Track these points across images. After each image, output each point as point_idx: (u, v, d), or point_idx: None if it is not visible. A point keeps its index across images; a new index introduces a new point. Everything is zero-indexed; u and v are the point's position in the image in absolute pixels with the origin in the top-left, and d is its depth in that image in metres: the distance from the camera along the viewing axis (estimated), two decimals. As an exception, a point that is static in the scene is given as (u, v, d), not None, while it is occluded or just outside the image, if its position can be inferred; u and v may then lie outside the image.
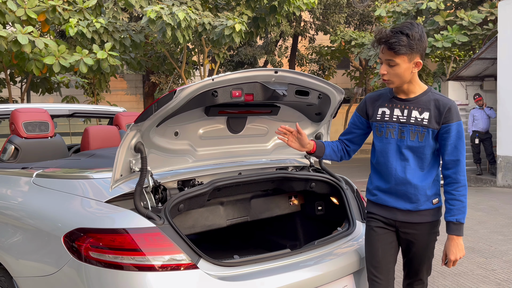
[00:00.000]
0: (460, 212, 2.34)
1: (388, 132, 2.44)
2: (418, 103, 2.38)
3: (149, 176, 2.37)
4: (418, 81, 2.39)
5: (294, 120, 3.04)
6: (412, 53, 2.26)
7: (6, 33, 7.19)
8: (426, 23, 12.24)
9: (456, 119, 2.33)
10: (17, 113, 3.50)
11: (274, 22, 9.61)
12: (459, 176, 2.35)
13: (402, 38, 2.23)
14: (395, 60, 2.27)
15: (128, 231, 2.12)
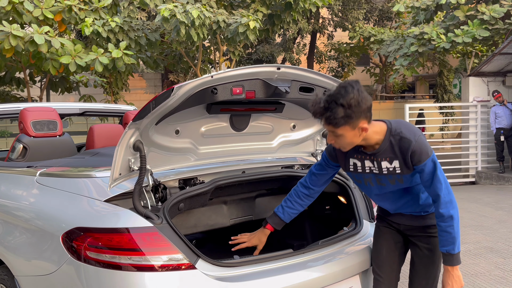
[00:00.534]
0: (449, 243, 2.28)
1: (367, 182, 2.43)
2: (384, 153, 2.29)
3: (149, 175, 2.34)
4: (373, 131, 2.24)
5: (299, 118, 2.98)
6: (353, 121, 2.12)
7: (23, 33, 7.28)
8: (446, 18, 12.01)
9: (424, 158, 2.22)
10: (26, 112, 3.52)
11: (290, 19, 9.53)
12: (440, 210, 2.27)
13: (337, 111, 2.08)
14: (337, 131, 2.17)
15: (125, 231, 2.10)
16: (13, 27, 7.27)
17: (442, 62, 17.78)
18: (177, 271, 2.08)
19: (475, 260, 4.99)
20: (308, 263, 2.44)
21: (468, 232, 6.13)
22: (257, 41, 20.94)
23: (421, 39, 11.34)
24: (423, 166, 2.22)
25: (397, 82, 22.78)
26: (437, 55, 15.57)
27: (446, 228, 2.27)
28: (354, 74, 23.03)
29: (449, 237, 2.27)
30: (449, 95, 18.47)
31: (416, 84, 26.31)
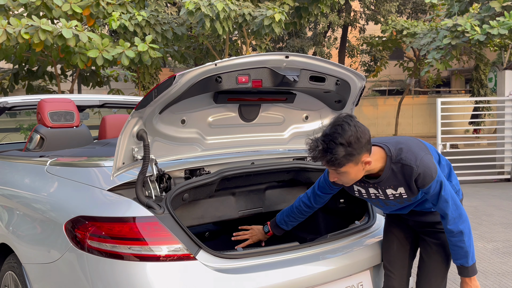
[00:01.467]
0: (461, 257, 2.28)
1: (375, 204, 2.45)
2: (387, 181, 2.25)
3: (153, 165, 2.32)
4: (376, 162, 2.20)
5: (312, 108, 2.91)
6: (355, 157, 2.08)
7: (51, 28, 7.41)
8: (481, 9, 11.62)
9: (428, 181, 2.17)
10: (43, 103, 3.56)
11: (318, 12, 9.39)
12: (448, 227, 2.26)
13: (338, 151, 2.04)
14: (341, 170, 2.13)
15: (126, 220, 2.08)
16: (42, 22, 7.41)
17: (478, 56, 17.27)
18: (176, 262, 2.05)
19: (503, 259, 4.80)
20: (314, 256, 2.37)
21: (497, 230, 5.91)
22: (287, 35, 20.84)
23: (455, 31, 11.00)
24: (428, 189, 2.20)
25: (431, 77, 22.27)
26: (473, 48, 15.10)
27: (456, 243, 2.27)
28: (387, 68, 22.63)
29: (461, 251, 2.27)
30: (485, 89, 17.92)
31: (451, 79, 25.67)
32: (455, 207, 2.23)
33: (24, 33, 7.31)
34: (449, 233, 2.26)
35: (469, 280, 2.30)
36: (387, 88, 27.50)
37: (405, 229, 2.52)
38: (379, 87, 27.74)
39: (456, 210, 2.24)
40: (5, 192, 2.85)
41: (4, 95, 11.47)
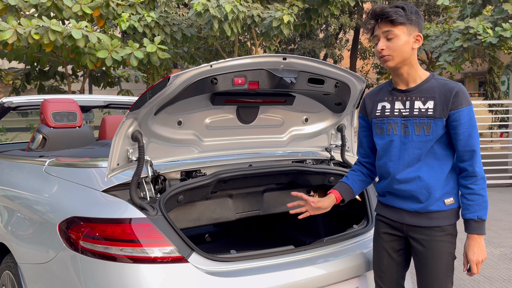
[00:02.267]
0: (482, 208, 2.09)
1: (390, 128, 2.22)
2: (420, 92, 2.15)
3: (148, 166, 2.31)
4: (418, 65, 2.18)
5: (312, 111, 2.88)
6: (411, 25, 2.10)
7: (61, 28, 7.46)
8: (494, 12, 11.48)
9: (466, 104, 2.08)
10: (46, 103, 3.58)
11: (328, 14, 9.36)
12: (476, 168, 2.10)
13: (398, 10, 2.09)
14: (394, 31, 2.09)
15: (119, 222, 2.08)
16: (52, 22, 7.47)
17: (492, 59, 17.06)
18: (168, 264, 2.05)
19: (510, 264, 4.72)
20: (309, 260, 2.35)
21: (505, 235, 5.83)
22: (298, 37, 20.80)
23: (467, 33, 10.88)
24: (461, 112, 2.07)
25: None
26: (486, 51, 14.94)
27: (478, 191, 2.10)
28: (399, 71, 22.46)
29: (482, 201, 2.09)
30: (499, 92, 17.71)
31: (464, 82, 25.39)
32: (479, 148, 2.10)
33: (34, 33, 7.37)
34: (473, 178, 2.10)
35: (479, 239, 2.10)
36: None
37: (397, 241, 2.29)
38: (391, 89, 27.53)
39: (480, 158, 2.11)
40: (5, 192, 2.86)
41: (16, 95, 11.59)
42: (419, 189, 2.15)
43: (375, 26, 2.15)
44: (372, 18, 2.15)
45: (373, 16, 2.14)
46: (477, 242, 2.11)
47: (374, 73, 23.44)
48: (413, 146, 2.16)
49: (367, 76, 24.50)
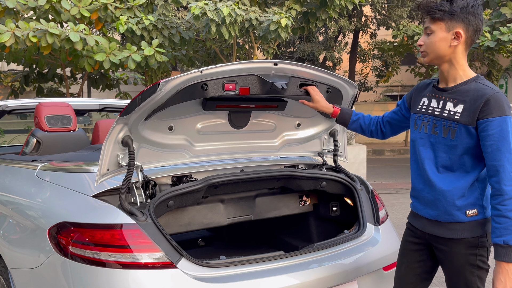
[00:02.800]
0: (509, 232, 1.87)
1: (422, 126, 2.14)
2: (455, 93, 2.03)
3: (139, 171, 2.32)
4: (464, 65, 2.03)
5: (304, 116, 2.89)
6: (452, 20, 1.97)
7: (59, 31, 7.48)
8: (492, 15, 11.50)
9: (498, 114, 1.90)
10: (41, 107, 3.59)
11: (326, 17, 9.37)
12: (503, 187, 1.89)
13: (443, 3, 1.99)
14: (431, 27, 2.01)
15: (110, 227, 2.08)
16: (50, 25, 7.49)
17: (491, 62, 17.07)
18: (157, 270, 2.05)
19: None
20: (300, 266, 2.35)
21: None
22: (298, 39, 20.82)
23: (465, 37, 10.89)
24: (490, 123, 1.91)
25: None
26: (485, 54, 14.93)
27: (506, 213, 1.87)
28: (399, 74, 22.49)
29: (509, 224, 1.87)
30: (498, 96, 17.70)
31: (464, 85, 25.39)
32: (510, 171, 1.88)
33: (32, 36, 7.39)
34: (499, 197, 1.89)
35: (508, 267, 1.87)
36: (398, 93, 27.32)
37: (421, 251, 2.20)
38: (391, 92, 27.58)
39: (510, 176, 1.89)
40: None
41: (15, 97, 11.61)
42: (437, 194, 2.06)
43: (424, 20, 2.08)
44: (418, 10, 2.09)
45: (419, 8, 2.07)
46: (505, 270, 1.88)
47: (374, 75, 23.45)
48: (439, 148, 2.07)
49: (366, 79, 24.52)
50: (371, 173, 12.03)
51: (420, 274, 2.22)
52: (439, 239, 2.09)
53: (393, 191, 9.88)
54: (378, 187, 10.49)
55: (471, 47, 2.06)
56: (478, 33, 2.02)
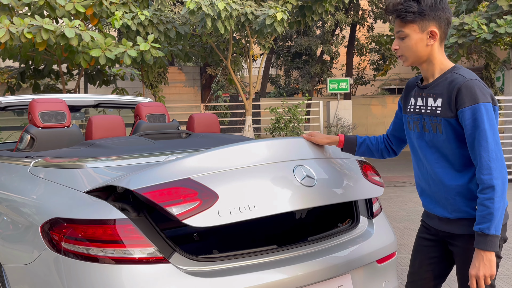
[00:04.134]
0: (485, 220, 1.88)
1: (414, 125, 2.16)
2: (433, 88, 2.04)
3: None
4: (441, 60, 2.03)
5: None
6: (423, 20, 1.96)
7: (54, 27, 7.46)
8: (489, 8, 11.48)
9: (470, 102, 1.90)
10: (34, 103, 3.58)
11: (322, 11, 9.35)
12: (481, 176, 1.90)
13: (411, 4, 1.96)
14: (404, 30, 1.99)
15: (102, 223, 2.08)
16: (45, 21, 7.46)
17: (488, 55, 17.06)
18: (149, 265, 2.05)
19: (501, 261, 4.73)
20: (293, 259, 2.35)
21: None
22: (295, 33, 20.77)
23: (461, 30, 10.89)
24: (464, 112, 1.92)
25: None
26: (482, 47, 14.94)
27: (483, 201, 1.90)
28: (396, 67, 22.48)
29: (486, 213, 1.88)
30: (495, 88, 17.72)
31: (461, 77, 25.40)
32: (494, 155, 1.88)
33: (27, 32, 7.37)
34: (481, 185, 1.91)
35: (484, 254, 1.88)
36: (396, 87, 27.32)
37: (435, 247, 2.21)
38: (389, 85, 27.58)
39: (495, 159, 1.88)
40: None
41: (11, 94, 11.58)
42: (443, 191, 2.07)
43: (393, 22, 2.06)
44: (386, 13, 2.06)
45: (386, 11, 2.05)
46: (480, 257, 1.90)
47: (371, 69, 23.43)
48: (435, 144, 2.07)
49: (364, 73, 24.51)
50: (368, 166, 12.03)
51: (433, 271, 2.23)
52: (452, 235, 2.10)
53: (390, 184, 9.90)
54: (376, 180, 10.50)
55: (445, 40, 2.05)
56: (449, 25, 2.03)
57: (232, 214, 2.09)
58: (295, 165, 2.35)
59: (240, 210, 2.11)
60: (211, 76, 18.77)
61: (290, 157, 2.38)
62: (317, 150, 2.53)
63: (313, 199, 2.33)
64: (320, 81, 23.21)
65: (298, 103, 10.57)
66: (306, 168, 2.37)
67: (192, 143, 3.21)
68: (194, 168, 2.16)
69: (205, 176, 2.14)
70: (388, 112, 21.92)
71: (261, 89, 19.68)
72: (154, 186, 2.05)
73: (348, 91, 11.32)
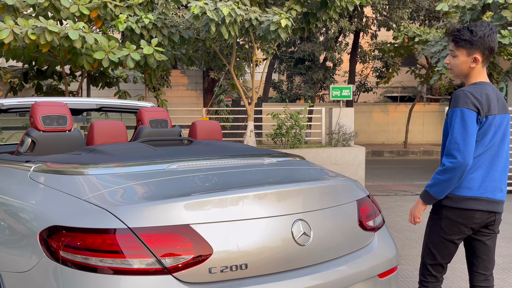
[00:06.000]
0: (430, 184, 2.69)
1: None
2: None
3: None
4: (474, 78, 2.64)
5: None
6: (472, 48, 2.56)
7: (58, 29, 7.44)
8: (493, 18, 11.46)
9: (453, 105, 2.58)
10: (36, 106, 3.55)
11: (326, 18, 9.33)
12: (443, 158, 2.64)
13: (465, 33, 2.56)
14: (455, 52, 2.62)
15: (102, 232, 2.06)
16: (49, 23, 7.45)
17: (491, 65, 17.04)
18: (148, 276, 2.02)
19: (502, 275, 4.70)
20: (293, 273, 2.31)
21: (500, 244, 5.79)
22: (299, 39, 20.78)
23: (465, 39, 10.87)
24: (450, 112, 2.59)
25: (443, 84, 22.04)
26: (485, 57, 14.89)
27: (436, 171, 2.66)
28: (399, 75, 22.47)
29: (433, 181, 2.66)
30: (498, 98, 17.70)
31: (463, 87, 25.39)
32: (455, 145, 2.54)
33: (31, 33, 7.35)
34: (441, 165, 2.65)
35: (418, 200, 2.79)
36: (399, 94, 27.31)
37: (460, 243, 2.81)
38: (391, 93, 27.57)
39: (452, 146, 2.56)
40: None
41: (14, 94, 11.57)
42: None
43: None
44: (446, 35, 2.75)
45: (446, 34, 2.71)
46: (417, 202, 2.81)
47: (374, 76, 23.42)
48: None
49: (366, 80, 24.49)
50: (369, 174, 12.02)
51: None
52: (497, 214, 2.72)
53: (392, 193, 9.86)
54: (376, 188, 10.47)
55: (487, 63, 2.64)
56: (493, 53, 2.60)
57: (223, 273, 2.08)
58: (295, 219, 2.33)
59: (232, 269, 2.10)
60: (214, 80, 18.78)
61: (293, 210, 2.35)
62: (320, 199, 2.51)
63: (305, 259, 2.33)
64: (322, 88, 23.21)
65: (300, 109, 10.54)
66: (304, 224, 2.35)
67: (194, 150, 3.19)
68: (194, 214, 2.12)
69: (203, 226, 2.11)
70: (390, 120, 21.89)
71: (263, 94, 19.68)
72: (151, 229, 2.04)
73: (350, 99, 11.29)
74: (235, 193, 2.26)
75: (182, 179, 2.50)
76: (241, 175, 2.66)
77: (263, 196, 2.31)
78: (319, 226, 2.41)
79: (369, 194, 2.92)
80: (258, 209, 2.26)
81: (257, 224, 2.23)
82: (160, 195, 2.26)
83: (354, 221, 2.63)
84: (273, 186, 2.41)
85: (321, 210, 2.46)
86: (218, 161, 2.84)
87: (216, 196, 2.22)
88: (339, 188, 2.73)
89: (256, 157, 3.06)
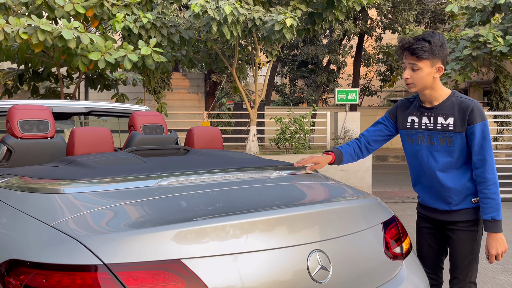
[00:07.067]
0: (494, 210, 2.44)
1: (419, 139, 2.60)
2: (442, 109, 2.51)
3: None
4: (441, 87, 2.50)
5: None
6: (434, 58, 2.42)
7: (50, 28, 7.07)
8: (504, 20, 11.08)
9: (480, 120, 2.44)
10: (14, 110, 3.16)
11: (332, 18, 8.96)
12: (487, 175, 2.44)
13: (424, 44, 2.39)
14: (418, 64, 2.42)
15: (68, 269, 1.65)
16: (42, 22, 7.08)
17: (498, 68, 16.66)
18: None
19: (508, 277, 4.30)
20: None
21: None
22: (302, 42, 20.40)
23: (476, 42, 10.49)
24: (475, 127, 2.43)
25: (448, 88, 21.69)
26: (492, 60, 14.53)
27: (491, 194, 2.43)
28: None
29: (494, 204, 2.43)
30: (505, 102, 17.28)
31: (469, 90, 25.02)
32: (492, 157, 2.43)
33: (22, 33, 6.98)
34: (484, 183, 2.43)
35: (497, 236, 2.47)
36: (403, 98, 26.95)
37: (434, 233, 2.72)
38: (395, 97, 27.21)
39: (492, 161, 2.43)
40: None
41: (8, 97, 11.19)
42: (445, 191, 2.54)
43: (403, 55, 2.45)
44: (401, 49, 2.45)
45: (402, 48, 2.45)
46: (495, 238, 2.48)
47: (378, 80, 23.05)
48: (439, 154, 2.53)
49: (370, 83, 24.11)
50: (374, 179, 11.62)
51: (440, 250, 2.76)
52: (452, 222, 2.60)
53: (399, 200, 9.47)
54: (383, 195, 10.08)
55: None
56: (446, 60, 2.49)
57: None
58: (311, 250, 1.91)
59: None
60: (216, 83, 18.41)
61: (308, 238, 1.93)
62: (340, 224, 2.09)
63: None
64: (326, 91, 22.83)
65: (304, 113, 10.15)
66: (322, 255, 1.93)
67: (190, 162, 2.79)
68: (187, 246, 1.71)
69: (198, 261, 1.70)
70: (394, 124, 21.54)
71: (266, 97, 19.29)
72: (133, 265, 1.62)
73: (356, 102, 10.91)
74: (237, 218, 1.84)
75: (174, 199, 2.09)
76: (245, 194, 2.25)
77: (272, 222, 1.89)
78: (340, 257, 1.99)
79: (394, 214, 2.51)
80: (266, 238, 1.85)
81: (265, 257, 1.81)
82: (146, 221, 1.85)
83: (380, 248, 2.22)
84: (284, 210, 1.99)
85: (342, 237, 2.04)
86: (218, 175, 2.44)
87: (215, 223, 1.80)
88: (362, 209, 2.30)
89: (262, 170, 2.66)
